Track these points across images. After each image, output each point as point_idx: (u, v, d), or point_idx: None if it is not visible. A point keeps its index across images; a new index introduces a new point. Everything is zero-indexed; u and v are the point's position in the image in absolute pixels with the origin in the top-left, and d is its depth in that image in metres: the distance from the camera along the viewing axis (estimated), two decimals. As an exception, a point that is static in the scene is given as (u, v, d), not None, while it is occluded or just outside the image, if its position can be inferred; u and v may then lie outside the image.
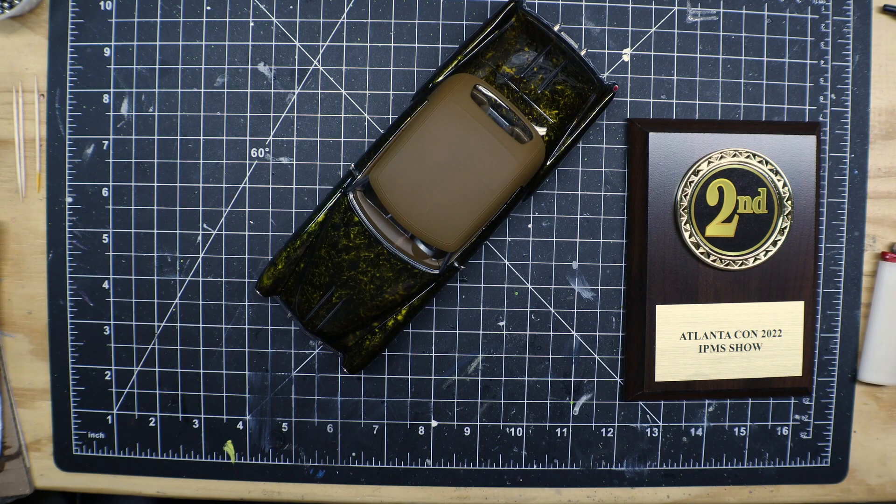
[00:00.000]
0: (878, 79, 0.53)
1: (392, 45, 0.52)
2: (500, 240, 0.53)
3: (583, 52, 0.49)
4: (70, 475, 0.53)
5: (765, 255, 0.52)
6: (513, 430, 0.53)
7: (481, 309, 0.53)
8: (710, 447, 0.54)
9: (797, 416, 0.54)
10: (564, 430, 0.54)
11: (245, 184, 0.52)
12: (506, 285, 0.53)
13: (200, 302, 0.52)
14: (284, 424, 0.53)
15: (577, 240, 0.53)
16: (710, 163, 0.51)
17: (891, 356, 0.53)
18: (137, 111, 0.52)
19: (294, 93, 0.52)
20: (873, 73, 0.53)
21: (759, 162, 0.51)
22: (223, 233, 0.52)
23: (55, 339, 0.53)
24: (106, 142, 0.52)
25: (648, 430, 0.54)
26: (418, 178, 0.45)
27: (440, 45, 0.52)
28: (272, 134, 0.52)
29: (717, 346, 0.52)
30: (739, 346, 0.52)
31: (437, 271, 0.48)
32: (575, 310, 0.53)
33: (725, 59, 0.52)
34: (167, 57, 0.52)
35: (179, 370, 0.53)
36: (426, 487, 0.54)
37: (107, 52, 0.52)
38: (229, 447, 0.53)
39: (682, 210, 0.51)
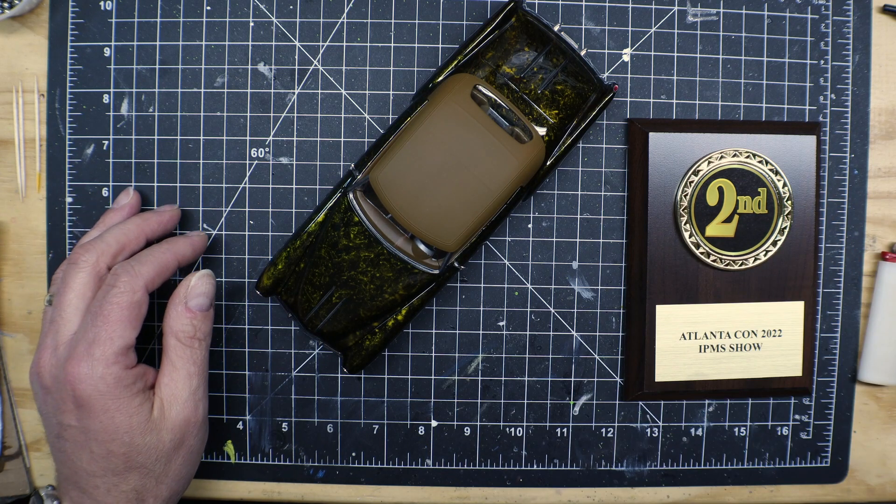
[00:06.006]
0: (878, 79, 0.53)
1: (392, 45, 0.52)
2: (500, 240, 0.53)
3: (583, 52, 0.49)
4: (70, 475, 0.53)
5: (765, 255, 0.52)
6: (513, 430, 0.54)
7: (481, 309, 0.53)
8: (710, 447, 0.54)
9: (797, 416, 0.54)
10: (564, 430, 0.54)
11: (245, 184, 0.52)
12: (506, 285, 0.53)
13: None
14: (284, 424, 0.53)
15: (577, 240, 0.53)
16: (710, 163, 0.51)
17: (891, 356, 0.53)
18: (137, 111, 0.52)
19: (294, 93, 0.52)
20: (873, 73, 0.53)
21: (759, 162, 0.51)
22: (223, 233, 0.52)
23: (55, 339, 0.53)
24: (106, 142, 0.52)
25: (648, 430, 0.54)
26: (418, 178, 0.45)
27: (440, 45, 0.52)
28: (272, 134, 0.52)
29: (717, 346, 0.52)
30: (739, 346, 0.52)
31: (437, 271, 0.48)
32: (575, 310, 0.53)
33: (725, 59, 0.52)
34: (167, 57, 0.52)
35: (179, 370, 0.53)
36: (426, 487, 0.54)
37: (107, 52, 0.52)
38: (229, 447, 0.53)
39: (682, 210, 0.51)
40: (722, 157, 0.51)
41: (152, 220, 0.49)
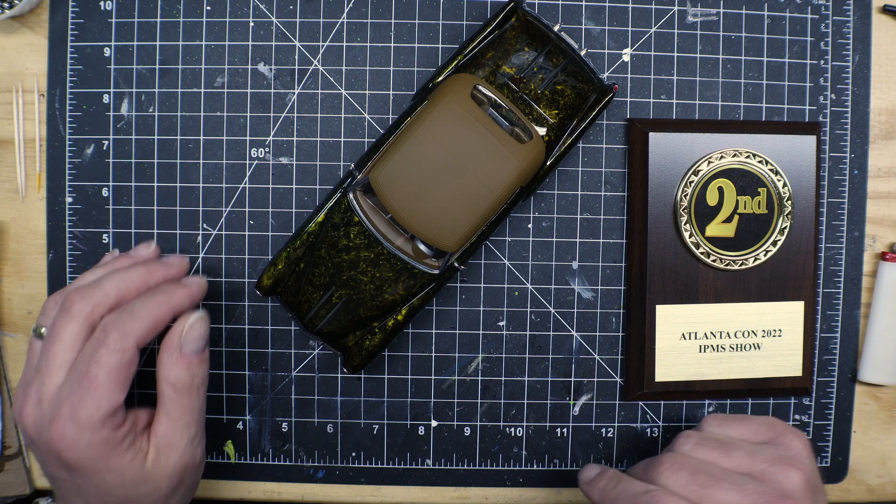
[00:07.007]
0: (878, 79, 0.53)
1: (392, 45, 0.52)
2: (500, 240, 0.53)
3: (583, 52, 0.49)
4: (70, 475, 0.53)
5: (765, 255, 0.52)
6: (513, 430, 0.54)
7: (481, 309, 0.53)
8: (710, 447, 0.54)
9: (797, 416, 0.54)
10: (564, 430, 0.54)
11: (245, 184, 0.52)
12: (506, 285, 0.53)
13: (200, 302, 0.52)
14: (284, 424, 0.53)
15: (577, 240, 0.53)
16: (710, 163, 0.51)
17: (891, 356, 0.53)
18: (137, 111, 0.52)
19: (294, 93, 0.52)
20: (873, 73, 0.53)
21: (759, 162, 0.51)
22: (223, 233, 0.52)
23: (55, 339, 0.52)
24: (106, 142, 0.52)
25: (648, 430, 0.54)
26: (418, 178, 0.45)
27: (440, 45, 0.52)
28: (272, 134, 0.52)
29: (717, 346, 0.52)
30: (739, 346, 0.52)
31: (437, 271, 0.48)
32: (575, 310, 0.53)
33: (725, 59, 0.52)
34: (167, 57, 0.52)
35: (179, 370, 0.53)
36: (426, 487, 0.54)
37: (107, 52, 0.52)
38: (229, 447, 0.53)
39: (682, 210, 0.51)
40: (722, 157, 0.51)
41: (158, 273, 0.45)
